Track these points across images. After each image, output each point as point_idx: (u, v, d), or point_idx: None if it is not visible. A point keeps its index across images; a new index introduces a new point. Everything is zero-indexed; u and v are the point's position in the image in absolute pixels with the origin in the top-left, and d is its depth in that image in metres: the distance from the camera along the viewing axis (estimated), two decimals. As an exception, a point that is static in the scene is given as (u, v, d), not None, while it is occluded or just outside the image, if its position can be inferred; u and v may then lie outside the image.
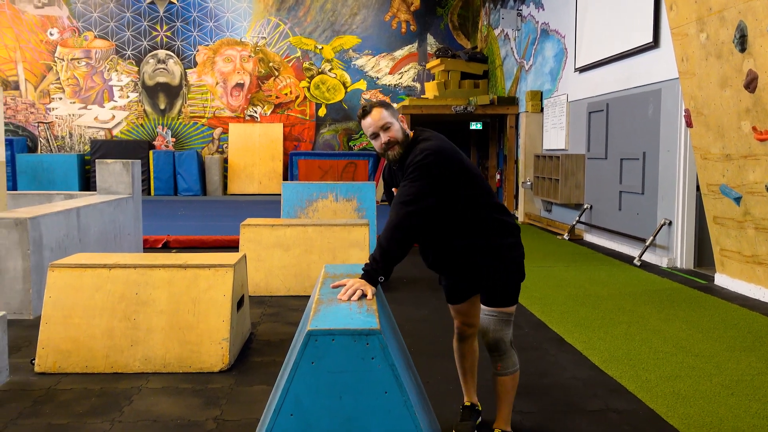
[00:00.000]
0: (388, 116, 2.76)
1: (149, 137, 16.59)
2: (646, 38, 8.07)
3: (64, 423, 3.26)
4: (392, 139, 2.75)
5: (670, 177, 7.65)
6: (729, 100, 6.02)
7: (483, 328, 2.87)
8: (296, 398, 2.00)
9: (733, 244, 6.36)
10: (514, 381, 2.93)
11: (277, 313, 5.45)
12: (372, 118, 2.76)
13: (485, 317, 2.86)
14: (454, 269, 2.92)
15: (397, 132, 2.75)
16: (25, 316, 5.16)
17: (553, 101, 11.38)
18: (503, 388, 2.92)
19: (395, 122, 2.77)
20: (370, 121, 2.76)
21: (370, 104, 2.80)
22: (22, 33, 16.15)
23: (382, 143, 2.77)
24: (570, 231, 10.03)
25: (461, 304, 3.06)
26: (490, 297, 2.84)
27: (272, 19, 16.67)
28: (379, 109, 2.77)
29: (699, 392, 3.72)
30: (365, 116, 2.78)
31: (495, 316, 2.84)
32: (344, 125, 16.91)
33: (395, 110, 2.84)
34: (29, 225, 5.16)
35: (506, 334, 2.86)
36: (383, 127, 2.74)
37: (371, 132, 2.78)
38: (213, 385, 3.79)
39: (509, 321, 2.87)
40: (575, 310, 5.59)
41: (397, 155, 2.78)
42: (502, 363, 2.89)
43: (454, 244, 2.81)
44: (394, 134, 2.75)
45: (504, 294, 2.84)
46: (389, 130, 2.75)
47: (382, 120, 2.74)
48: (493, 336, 2.84)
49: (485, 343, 2.88)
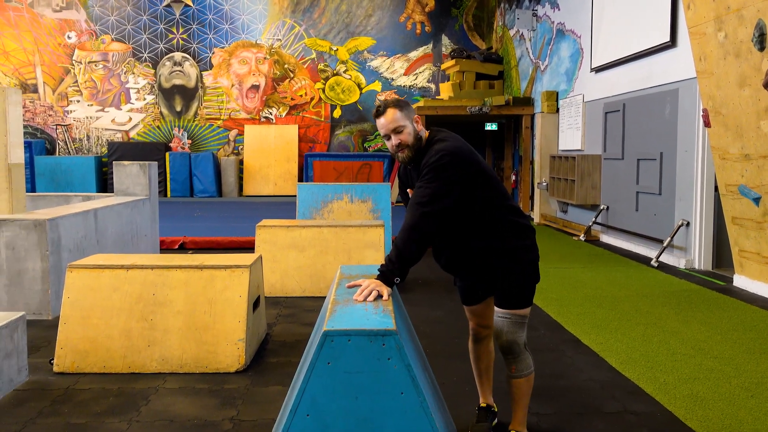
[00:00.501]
0: (401, 118, 2.75)
1: (165, 139, 16.70)
2: (663, 37, 8.01)
3: (83, 422, 3.29)
4: (403, 143, 2.76)
5: (687, 177, 7.58)
6: (748, 99, 5.96)
7: (497, 331, 2.85)
8: (312, 399, 2.01)
9: (752, 245, 6.29)
10: (528, 383, 2.91)
11: (292, 314, 5.46)
12: (385, 119, 2.76)
13: (499, 319, 2.84)
14: (469, 271, 2.91)
15: (408, 135, 2.75)
16: (43, 317, 5.22)
17: (569, 101, 11.32)
18: (518, 390, 2.90)
19: (408, 124, 2.76)
20: (383, 122, 2.77)
21: (385, 104, 2.80)
22: (40, 36, 16.32)
23: (393, 145, 2.78)
24: (586, 232, 9.96)
25: (476, 306, 3.06)
26: (504, 299, 2.83)
27: (287, 21, 16.72)
28: (393, 110, 2.76)
29: (718, 394, 3.68)
30: (379, 116, 2.78)
31: (509, 318, 2.82)
32: (359, 126, 16.92)
33: (411, 109, 2.83)
34: (48, 226, 5.22)
35: (520, 336, 2.84)
36: (395, 129, 2.75)
37: (383, 133, 2.79)
38: (229, 386, 3.80)
39: (523, 323, 2.85)
40: (592, 312, 5.55)
41: (407, 158, 2.79)
42: (516, 365, 2.87)
43: (470, 245, 2.81)
44: (405, 138, 2.75)
45: (518, 296, 2.82)
46: (401, 133, 2.75)
47: (395, 123, 2.74)
48: (506, 338, 2.82)
49: (499, 345, 2.87)
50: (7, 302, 5.20)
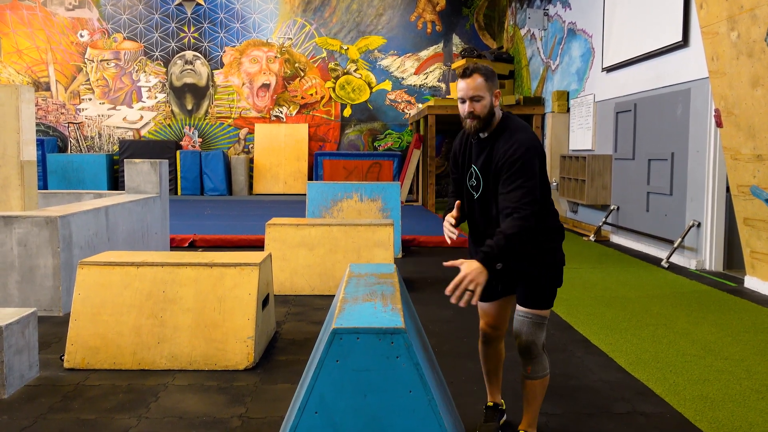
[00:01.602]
0: (483, 88, 2.69)
1: (176, 137, 16.77)
2: (675, 37, 7.96)
3: (93, 418, 3.31)
4: (476, 112, 2.70)
5: (699, 178, 7.53)
6: (760, 99, 5.91)
7: (516, 331, 2.83)
8: (321, 396, 2.01)
9: (764, 246, 6.25)
10: (543, 385, 2.88)
11: (301, 313, 5.47)
12: (467, 82, 2.71)
13: (519, 319, 2.82)
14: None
15: (483, 108, 2.70)
16: (54, 313, 5.25)
17: (580, 101, 11.27)
18: (532, 391, 2.89)
19: (487, 96, 2.71)
20: (464, 85, 2.71)
21: (474, 67, 2.72)
22: (53, 35, 16.43)
23: (465, 110, 2.72)
24: (596, 232, 9.93)
25: (491, 304, 3.00)
26: (527, 296, 2.81)
27: (298, 20, 16.75)
28: (478, 76, 2.70)
29: (728, 396, 3.66)
30: (464, 77, 2.72)
31: (530, 318, 2.80)
32: (369, 125, 16.93)
33: (495, 82, 2.76)
34: (59, 223, 5.25)
35: (539, 337, 2.82)
36: (473, 97, 2.69)
37: (460, 95, 2.73)
38: (238, 383, 3.81)
39: (543, 324, 2.83)
40: (602, 312, 5.53)
41: (473, 128, 2.73)
42: (532, 366, 2.85)
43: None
44: (480, 108, 2.70)
45: (542, 295, 2.81)
46: (478, 102, 2.69)
47: (475, 90, 2.69)
48: (526, 339, 2.81)
49: (517, 345, 2.86)
50: (19, 298, 5.23)
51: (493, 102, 2.74)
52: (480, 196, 2.83)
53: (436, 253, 8.31)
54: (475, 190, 2.84)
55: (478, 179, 2.82)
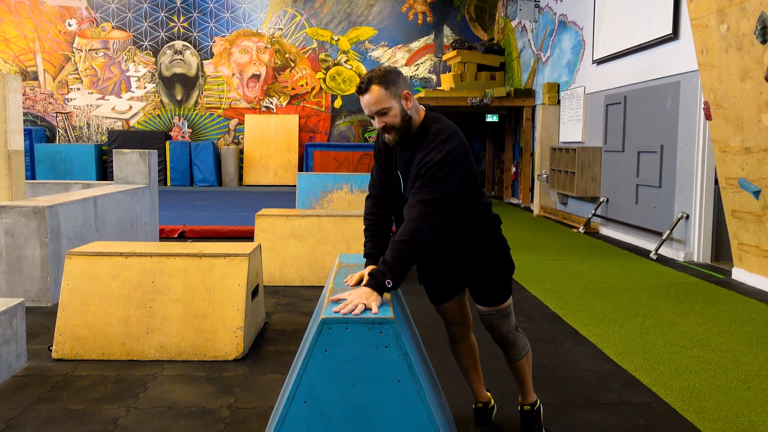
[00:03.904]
0: (386, 98, 2.43)
1: (166, 128, 16.68)
2: (665, 30, 7.98)
3: (81, 408, 3.30)
4: (388, 124, 2.48)
5: (688, 170, 7.57)
6: (749, 92, 5.94)
7: (487, 327, 2.84)
8: (310, 386, 2.01)
9: (751, 238, 6.29)
10: (528, 361, 2.94)
11: (291, 303, 5.47)
12: (366, 99, 2.45)
13: (485, 317, 2.82)
14: (441, 267, 2.79)
15: (394, 117, 2.46)
16: (42, 304, 5.23)
17: (570, 93, 11.29)
18: (520, 370, 2.94)
19: (394, 104, 2.45)
20: (365, 101, 2.45)
21: (368, 79, 2.45)
22: (40, 24, 16.27)
23: (379, 126, 2.50)
24: (586, 224, 9.97)
25: (448, 303, 2.90)
26: (486, 297, 2.78)
27: (289, 10, 16.66)
28: (377, 87, 2.42)
29: (715, 386, 3.69)
30: (361, 93, 2.46)
31: (494, 314, 2.80)
32: (360, 117, 16.89)
33: (400, 83, 2.49)
34: (47, 213, 5.22)
35: (510, 324, 2.84)
36: (378, 111, 2.45)
37: (366, 113, 2.50)
38: (227, 374, 3.81)
39: (509, 313, 2.83)
40: (590, 303, 5.56)
41: (394, 141, 2.53)
42: (513, 350, 2.88)
43: (446, 241, 2.67)
44: (391, 120, 2.46)
45: (498, 291, 2.78)
46: (386, 114, 2.46)
47: (378, 104, 2.43)
48: (498, 331, 2.83)
49: (494, 339, 2.88)
50: (6, 289, 5.20)
51: (405, 106, 2.49)
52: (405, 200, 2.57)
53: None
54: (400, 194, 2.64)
55: (399, 185, 2.65)
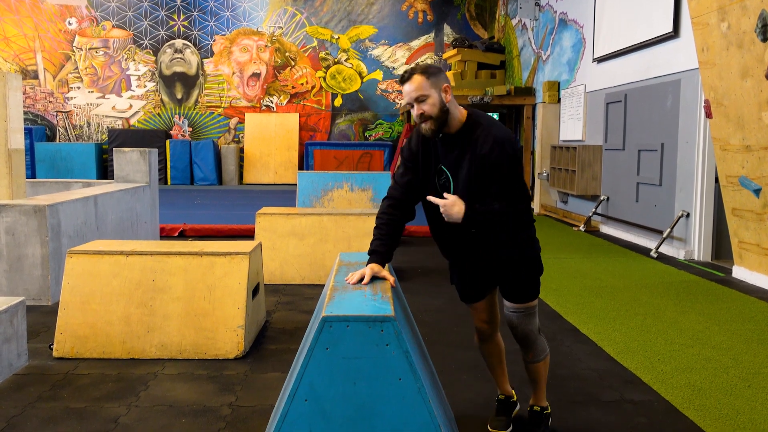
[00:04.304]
0: (427, 87, 2.57)
1: (166, 127, 16.68)
2: (665, 28, 7.97)
3: (82, 407, 3.30)
4: (425, 113, 2.59)
5: (688, 168, 7.57)
6: (750, 90, 5.94)
7: (511, 325, 2.88)
8: (311, 384, 2.01)
9: (751, 236, 6.29)
10: (545, 365, 2.99)
11: (291, 302, 5.47)
12: (409, 85, 2.60)
13: (511, 314, 2.86)
14: (476, 262, 2.84)
15: (432, 106, 2.58)
16: (43, 302, 5.23)
17: (571, 92, 11.29)
18: (537, 373, 2.99)
19: (433, 94, 2.58)
20: (406, 89, 2.61)
21: (412, 69, 2.62)
22: (41, 22, 16.27)
23: (415, 115, 2.63)
24: (586, 222, 9.96)
25: (479, 302, 2.98)
26: (515, 294, 2.84)
27: (289, 8, 16.65)
28: (419, 77, 2.58)
29: (715, 384, 3.69)
30: (403, 82, 2.62)
31: (521, 311, 2.85)
32: (360, 115, 16.89)
33: (441, 77, 2.63)
34: (48, 212, 5.22)
35: (534, 325, 2.89)
36: (417, 98, 2.58)
37: (406, 101, 2.64)
38: (228, 372, 3.81)
39: (535, 313, 2.89)
40: (591, 302, 5.56)
41: (430, 130, 2.62)
42: (533, 352, 2.93)
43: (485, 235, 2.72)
44: (428, 109, 2.58)
45: (528, 289, 2.84)
46: (424, 102, 2.58)
47: (418, 91, 2.57)
48: (522, 330, 2.87)
49: (515, 336, 2.91)
50: (7, 288, 5.20)
51: (444, 98, 2.60)
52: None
53: (426, 243, 8.31)
54: (447, 189, 2.71)
55: (448, 180, 2.70)
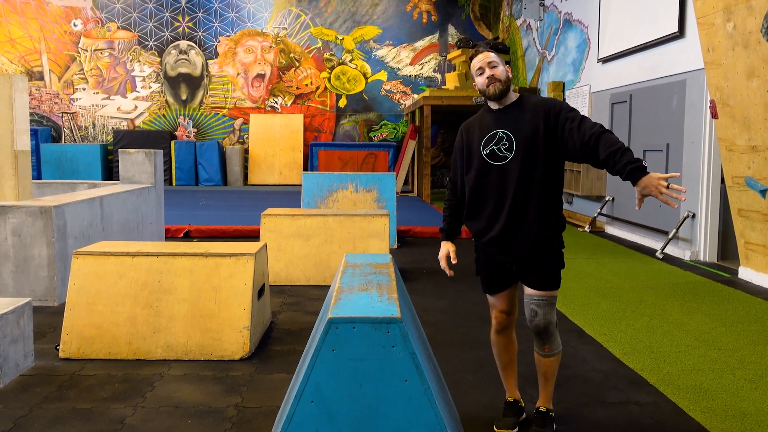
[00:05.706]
0: (496, 58, 2.95)
1: (171, 128, 16.71)
2: (671, 28, 7.96)
3: (88, 408, 3.31)
4: (495, 76, 2.90)
5: (694, 169, 7.55)
6: (756, 90, 5.92)
7: (533, 314, 2.93)
8: (317, 385, 2.01)
9: (758, 237, 6.27)
10: (558, 361, 3.04)
11: (297, 303, 5.48)
12: (481, 56, 2.94)
13: (534, 302, 2.93)
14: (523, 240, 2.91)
15: (501, 72, 2.91)
16: (49, 303, 5.24)
17: (576, 92, 11.27)
18: (549, 369, 3.02)
19: (501, 64, 2.94)
20: (479, 57, 2.94)
21: (483, 46, 3.06)
22: (46, 24, 16.32)
23: (485, 77, 2.90)
24: (591, 223, 9.95)
25: (503, 292, 3.04)
26: (541, 281, 2.92)
27: (293, 9, 16.67)
28: (489, 51, 2.96)
29: (722, 386, 3.68)
30: (476, 54, 2.96)
31: (545, 299, 2.92)
32: (364, 116, 16.89)
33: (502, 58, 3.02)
34: (54, 213, 5.23)
35: (553, 316, 2.96)
36: (490, 63, 2.91)
37: (478, 67, 2.93)
38: (234, 373, 3.82)
39: (554, 304, 2.97)
40: (596, 303, 5.55)
41: (498, 91, 2.89)
42: (549, 345, 2.98)
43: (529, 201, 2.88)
44: (498, 73, 2.90)
45: (554, 278, 2.95)
46: (495, 68, 2.91)
47: (490, 58, 2.93)
48: (544, 319, 2.92)
49: (535, 326, 2.95)
50: (14, 288, 5.22)
51: (508, 72, 2.96)
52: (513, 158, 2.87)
53: (431, 244, 8.31)
54: (508, 150, 2.88)
55: (510, 141, 2.89)
